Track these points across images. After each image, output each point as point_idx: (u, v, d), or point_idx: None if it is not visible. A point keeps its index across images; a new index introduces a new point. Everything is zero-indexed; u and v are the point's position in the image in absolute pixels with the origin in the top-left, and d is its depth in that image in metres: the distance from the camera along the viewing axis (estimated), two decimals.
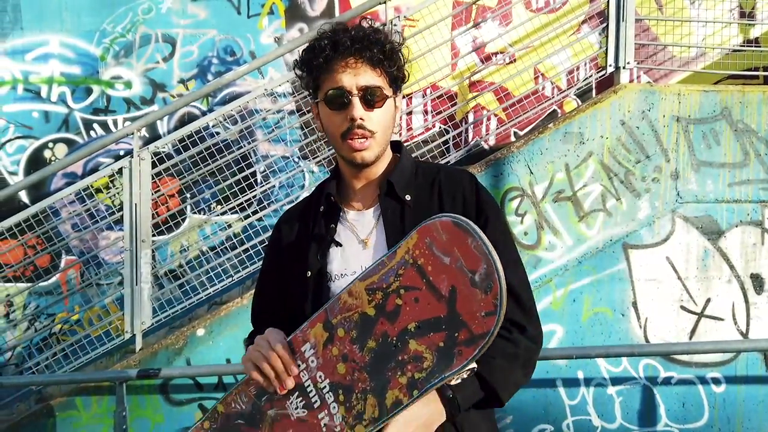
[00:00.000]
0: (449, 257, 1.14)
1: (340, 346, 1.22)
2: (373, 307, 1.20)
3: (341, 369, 1.22)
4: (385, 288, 1.20)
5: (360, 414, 1.20)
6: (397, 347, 1.18)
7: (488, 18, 4.39)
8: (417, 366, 1.16)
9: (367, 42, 1.30)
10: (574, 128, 3.57)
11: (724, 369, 3.65)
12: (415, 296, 1.17)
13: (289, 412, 1.26)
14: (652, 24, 4.45)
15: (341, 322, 1.23)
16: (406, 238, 1.19)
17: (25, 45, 4.58)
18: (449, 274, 1.14)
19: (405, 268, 1.18)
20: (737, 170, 3.63)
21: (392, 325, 1.18)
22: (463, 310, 1.13)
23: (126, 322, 3.67)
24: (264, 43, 4.61)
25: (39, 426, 3.58)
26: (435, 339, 1.15)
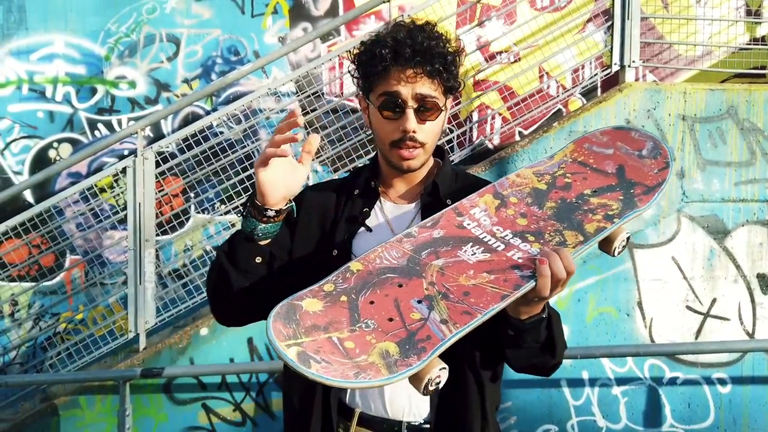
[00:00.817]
0: (611, 149, 1.39)
1: (516, 208, 1.28)
2: (544, 183, 1.34)
3: (522, 222, 1.25)
4: (552, 174, 1.36)
5: (561, 243, 1.20)
6: (579, 204, 1.29)
7: (492, 17, 4.38)
8: (607, 207, 1.27)
9: (429, 55, 1.28)
10: (578, 127, 3.56)
11: (730, 369, 3.62)
12: (582, 176, 1.35)
13: (464, 258, 1.17)
14: (657, 22, 4.43)
15: (513, 193, 1.31)
16: (562, 149, 1.42)
17: (30, 45, 4.59)
18: (613, 159, 1.37)
19: (566, 164, 1.39)
20: (743, 169, 3.60)
21: (567, 193, 1.31)
22: (633, 175, 1.34)
23: (130, 322, 3.67)
24: (268, 42, 4.60)
25: (43, 425, 3.58)
26: (614, 196, 1.30)
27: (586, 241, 1.20)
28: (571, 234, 1.22)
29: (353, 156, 3.90)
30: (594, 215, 1.26)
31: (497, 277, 1.13)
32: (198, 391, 3.61)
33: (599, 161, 1.38)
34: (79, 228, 4.27)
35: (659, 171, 1.34)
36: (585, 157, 1.39)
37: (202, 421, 3.62)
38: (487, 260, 1.16)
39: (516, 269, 1.14)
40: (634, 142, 1.39)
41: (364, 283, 1.13)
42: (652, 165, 1.35)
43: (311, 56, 4.56)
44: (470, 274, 1.14)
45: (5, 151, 4.61)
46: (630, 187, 1.32)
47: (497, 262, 1.16)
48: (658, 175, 1.33)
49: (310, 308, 1.08)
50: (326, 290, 1.11)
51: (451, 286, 1.12)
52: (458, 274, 1.13)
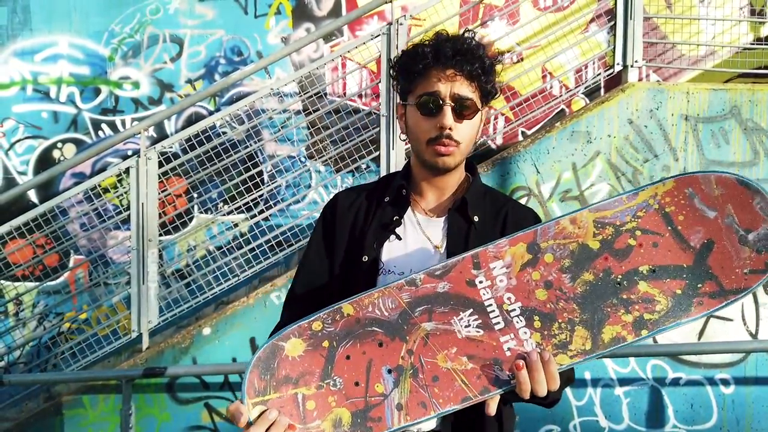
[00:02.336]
0: (715, 212, 1.10)
1: (545, 271, 1.12)
2: (599, 240, 1.12)
3: (541, 295, 1.11)
4: (618, 225, 1.12)
5: (564, 343, 1.09)
6: (622, 285, 1.10)
7: (495, 17, 4.38)
8: (647, 307, 1.09)
9: (469, 56, 1.30)
10: (581, 127, 3.55)
11: (733, 370, 3.61)
12: (653, 241, 1.11)
13: (455, 329, 1.11)
14: (660, 22, 4.42)
15: (552, 248, 1.12)
16: (656, 183, 1.13)
17: (34, 46, 4.62)
18: (709, 228, 1.10)
19: (647, 211, 1.12)
20: (746, 169, 3.59)
21: (619, 263, 1.10)
22: (717, 264, 1.09)
23: (132, 321, 3.68)
24: (271, 43, 4.61)
25: (46, 424, 3.60)
26: (671, 285, 1.09)
27: (590, 352, 1.09)
28: (581, 334, 1.09)
29: (355, 156, 3.90)
30: (627, 313, 1.09)
31: (474, 368, 1.09)
32: (201, 390, 3.62)
33: (690, 223, 1.11)
34: (82, 228, 4.29)
35: (750, 273, 1.08)
36: (677, 207, 1.11)
37: (205, 420, 3.63)
38: (476, 339, 1.10)
39: (497, 366, 1.09)
40: (750, 215, 1.09)
41: (348, 331, 1.11)
42: (749, 259, 1.09)
43: (314, 56, 4.57)
44: (451, 353, 1.10)
45: (10, 152, 4.63)
46: (702, 278, 1.10)
47: (485, 346, 1.10)
48: (746, 278, 1.08)
49: (292, 352, 1.10)
50: (313, 329, 1.11)
51: (426, 363, 1.10)
52: (440, 349, 1.10)
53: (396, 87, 1.41)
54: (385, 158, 3.63)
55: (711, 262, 1.10)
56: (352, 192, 1.49)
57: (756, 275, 1.08)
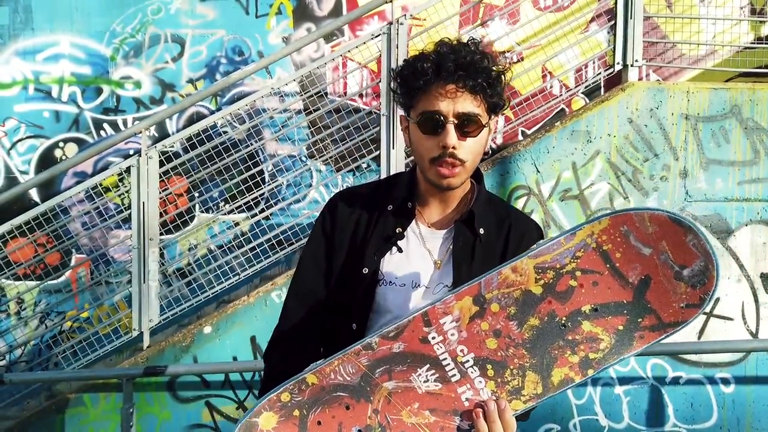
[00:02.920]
0: (650, 249, 1.13)
1: (492, 321, 1.15)
2: (541, 285, 1.15)
3: (491, 344, 1.14)
4: (558, 268, 1.15)
5: (517, 389, 1.13)
6: (566, 327, 1.14)
7: (495, 16, 4.38)
8: (592, 346, 1.13)
9: (472, 70, 1.24)
10: (581, 126, 3.56)
11: (733, 369, 3.61)
12: (593, 280, 1.14)
13: (414, 385, 1.15)
14: (661, 22, 4.42)
15: (497, 297, 1.15)
16: (592, 222, 1.15)
17: (36, 45, 4.63)
18: (645, 265, 1.13)
19: (585, 251, 1.15)
20: (747, 168, 3.59)
21: (562, 305, 1.14)
22: (655, 298, 1.13)
23: (133, 320, 3.69)
24: (272, 43, 4.62)
25: (48, 422, 3.61)
26: (613, 322, 1.13)
27: (542, 395, 1.13)
28: (532, 379, 1.13)
29: (356, 155, 3.91)
30: (573, 354, 1.13)
31: (436, 420, 1.14)
32: (201, 389, 3.63)
33: (627, 260, 1.14)
34: (84, 227, 4.30)
35: (686, 307, 1.12)
36: (613, 245, 1.14)
37: (206, 419, 3.63)
38: (436, 393, 1.15)
39: (456, 416, 1.14)
40: (683, 251, 1.12)
41: (316, 399, 1.15)
42: (685, 294, 1.12)
43: (315, 56, 4.57)
44: (414, 409, 1.14)
45: (12, 151, 4.64)
46: (642, 312, 1.13)
47: (444, 399, 1.14)
48: (682, 312, 1.12)
49: (266, 426, 1.13)
50: (282, 400, 1.15)
51: (392, 420, 1.14)
52: (403, 406, 1.15)
53: (397, 99, 1.36)
54: (386, 158, 3.64)
55: (649, 297, 1.13)
56: (352, 196, 1.44)
57: (692, 309, 1.12)
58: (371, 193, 1.44)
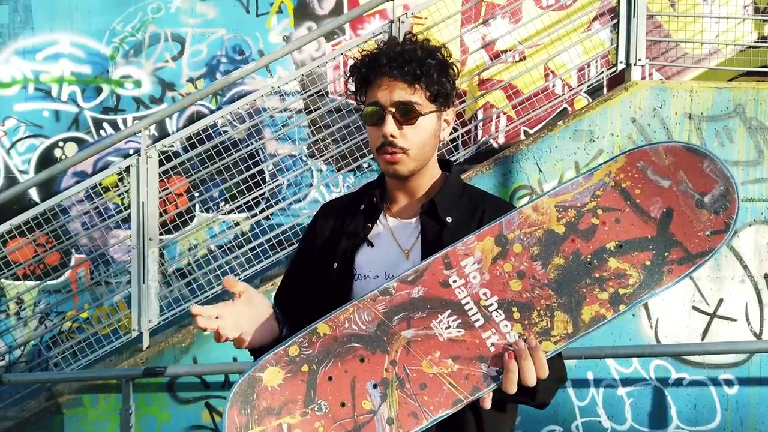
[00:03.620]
0: (669, 180, 1.11)
1: (516, 262, 1.11)
2: (563, 224, 1.12)
3: (516, 286, 1.11)
4: (579, 207, 1.13)
5: (546, 330, 1.09)
6: (592, 264, 1.11)
7: (497, 15, 4.36)
8: (620, 282, 1.10)
9: (401, 60, 1.30)
10: (584, 126, 3.53)
11: (736, 370, 3.59)
12: (615, 217, 1.12)
13: (435, 333, 1.09)
14: (664, 21, 4.40)
15: (519, 237, 1.12)
16: (608, 162, 1.14)
17: (35, 44, 4.61)
18: (665, 197, 1.11)
19: (604, 189, 1.13)
20: (750, 168, 3.57)
21: (586, 243, 1.11)
22: (679, 230, 1.11)
23: (133, 320, 3.67)
24: (273, 41, 4.60)
25: (47, 423, 3.59)
26: (640, 258, 1.11)
27: (574, 335, 1.09)
28: (562, 319, 1.09)
29: (357, 155, 3.89)
30: (602, 291, 1.10)
31: (460, 369, 1.08)
32: (201, 390, 3.61)
33: (647, 195, 1.12)
34: (83, 227, 4.28)
35: (713, 234, 1.10)
36: (632, 182, 1.13)
37: (206, 420, 3.61)
38: (459, 340, 1.09)
39: (483, 362, 1.08)
40: (702, 178, 1.10)
41: (327, 351, 1.09)
42: (709, 222, 1.10)
43: (315, 55, 4.55)
44: (435, 358, 1.09)
45: (11, 151, 4.63)
46: (667, 246, 1.11)
47: (468, 345, 1.09)
48: (709, 240, 1.10)
49: (270, 382, 1.08)
50: (291, 355, 1.09)
51: (411, 371, 1.09)
52: (423, 355, 1.09)
53: (355, 100, 1.42)
54: None
55: (673, 230, 1.11)
56: (333, 204, 1.52)
57: (718, 235, 1.10)
58: (351, 199, 1.50)
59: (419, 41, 1.36)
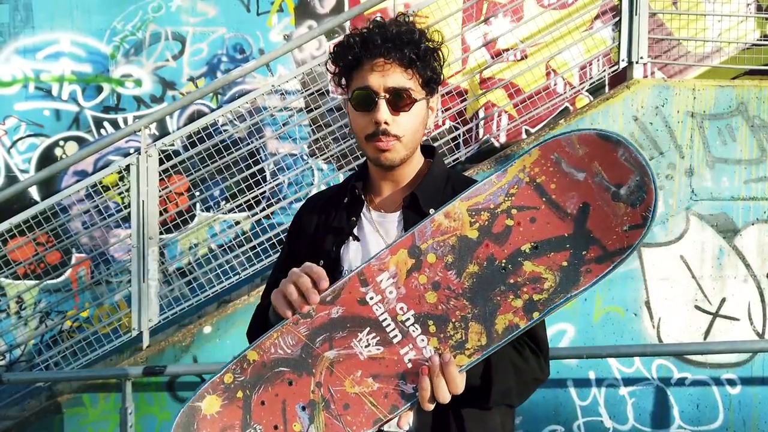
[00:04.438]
0: (584, 172, 1.06)
1: (430, 273, 1.08)
2: (476, 229, 1.08)
3: (431, 298, 1.08)
4: (493, 208, 1.08)
5: (461, 343, 1.07)
6: (507, 269, 1.07)
7: (499, 13, 4.34)
8: (535, 287, 1.06)
9: (399, 41, 1.23)
10: (585, 124, 3.52)
11: (739, 370, 3.57)
12: (530, 216, 1.07)
13: (356, 351, 1.09)
14: (666, 18, 4.38)
15: (432, 247, 1.09)
16: (522, 155, 1.08)
17: (36, 43, 4.61)
18: (581, 191, 1.06)
19: (518, 186, 1.08)
20: (753, 167, 3.55)
21: (500, 248, 1.07)
22: (596, 226, 1.05)
23: (133, 320, 3.67)
24: (273, 40, 4.59)
25: (47, 422, 3.59)
26: (556, 259, 1.06)
27: (488, 346, 1.06)
28: (476, 330, 1.06)
29: (357, 154, 3.88)
30: (516, 298, 1.06)
31: (380, 387, 1.09)
32: None
33: (563, 190, 1.07)
34: (84, 226, 4.28)
35: (630, 229, 1.04)
36: (547, 177, 1.07)
37: None
38: (378, 358, 1.09)
39: (401, 379, 1.08)
40: (616, 169, 1.04)
41: (258, 377, 1.11)
42: (626, 216, 1.04)
43: (316, 54, 4.54)
44: (357, 377, 1.09)
45: (12, 150, 4.62)
46: (585, 244, 1.06)
47: (387, 362, 1.09)
48: (627, 236, 1.04)
49: (209, 410, 1.10)
50: (226, 382, 1.11)
51: (335, 392, 1.10)
52: (346, 375, 1.10)
53: (335, 83, 1.34)
54: None
55: (590, 226, 1.06)
56: (317, 198, 1.47)
57: (636, 230, 1.04)
58: (330, 196, 1.45)
59: (408, 23, 1.28)
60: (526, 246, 1.07)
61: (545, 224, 1.07)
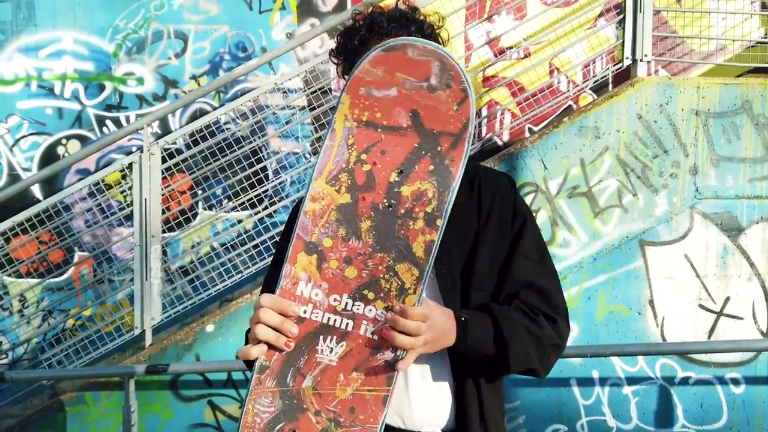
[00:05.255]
0: (395, 86, 1.10)
1: (335, 254, 1.12)
2: (345, 192, 1.12)
3: (351, 273, 1.12)
4: (345, 167, 1.12)
5: (400, 288, 1.11)
6: (392, 205, 1.12)
7: (502, 11, 4.33)
8: (423, 202, 1.11)
9: (404, 21, 1.25)
10: (589, 122, 3.50)
11: (743, 369, 3.56)
12: (379, 150, 1.12)
13: (326, 362, 1.11)
14: (670, 16, 4.36)
15: (322, 233, 1.12)
16: (337, 108, 1.12)
17: (38, 42, 4.60)
18: (402, 102, 1.10)
19: (352, 134, 1.12)
20: (758, 165, 3.53)
21: (374, 192, 1.12)
22: (433, 121, 1.11)
23: (136, 318, 3.67)
24: (276, 38, 4.58)
25: (50, 420, 3.59)
26: (423, 167, 1.12)
27: (422, 273, 1.10)
28: (404, 269, 1.10)
29: None
30: (415, 220, 1.11)
31: (367, 374, 1.11)
32: (204, 387, 3.60)
33: (387, 111, 1.11)
34: (86, 224, 4.28)
35: (459, 105, 1.10)
36: (369, 111, 1.11)
37: (208, 417, 3.60)
38: (347, 352, 1.11)
39: (377, 353, 1.10)
40: (416, 67, 1.08)
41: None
42: (449, 98, 1.09)
43: (318, 52, 4.53)
44: (342, 381, 1.11)
45: (14, 148, 4.62)
46: (434, 141, 1.11)
47: (356, 350, 1.10)
48: (460, 113, 1.10)
49: None
50: None
51: (335, 406, 1.12)
52: (332, 386, 1.11)
53: (339, 71, 1.34)
54: None
55: (428, 125, 1.11)
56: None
57: (464, 102, 1.10)
58: None
59: (409, 6, 1.30)
60: (392, 176, 1.12)
61: (395, 148, 1.12)
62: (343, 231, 1.11)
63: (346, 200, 1.12)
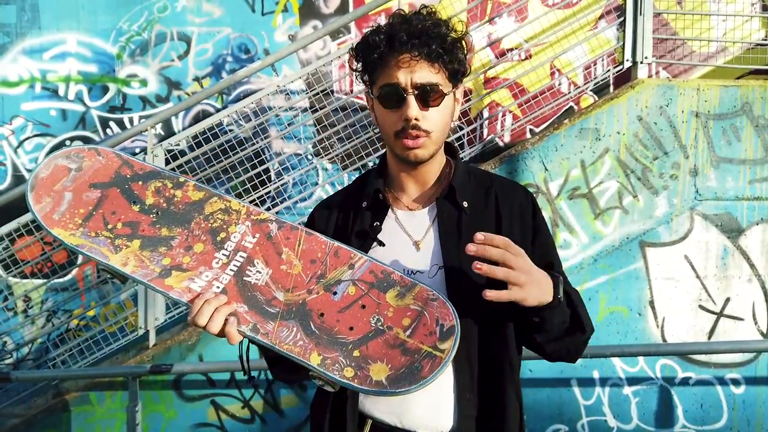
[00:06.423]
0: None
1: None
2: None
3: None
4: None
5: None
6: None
7: (503, 13, 4.35)
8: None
9: (425, 37, 1.21)
10: (590, 124, 3.52)
11: (743, 370, 3.57)
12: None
13: (265, 280, 1.23)
14: (671, 18, 4.37)
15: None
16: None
17: (42, 44, 4.63)
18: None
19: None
20: (758, 167, 3.55)
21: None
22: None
23: (139, 318, 3.69)
24: (278, 40, 4.60)
25: (54, 420, 3.61)
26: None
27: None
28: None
29: (362, 153, 3.89)
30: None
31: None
32: (207, 387, 3.62)
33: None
34: None
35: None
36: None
37: (212, 417, 3.63)
38: (274, 269, 1.27)
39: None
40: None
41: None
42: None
43: (321, 54, 4.56)
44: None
45: (18, 149, 4.65)
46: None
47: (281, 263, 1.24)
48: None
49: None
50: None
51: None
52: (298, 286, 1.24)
53: (359, 78, 1.34)
54: None
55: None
56: (327, 204, 1.44)
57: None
58: (345, 197, 1.43)
59: (432, 16, 1.26)
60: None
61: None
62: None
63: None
